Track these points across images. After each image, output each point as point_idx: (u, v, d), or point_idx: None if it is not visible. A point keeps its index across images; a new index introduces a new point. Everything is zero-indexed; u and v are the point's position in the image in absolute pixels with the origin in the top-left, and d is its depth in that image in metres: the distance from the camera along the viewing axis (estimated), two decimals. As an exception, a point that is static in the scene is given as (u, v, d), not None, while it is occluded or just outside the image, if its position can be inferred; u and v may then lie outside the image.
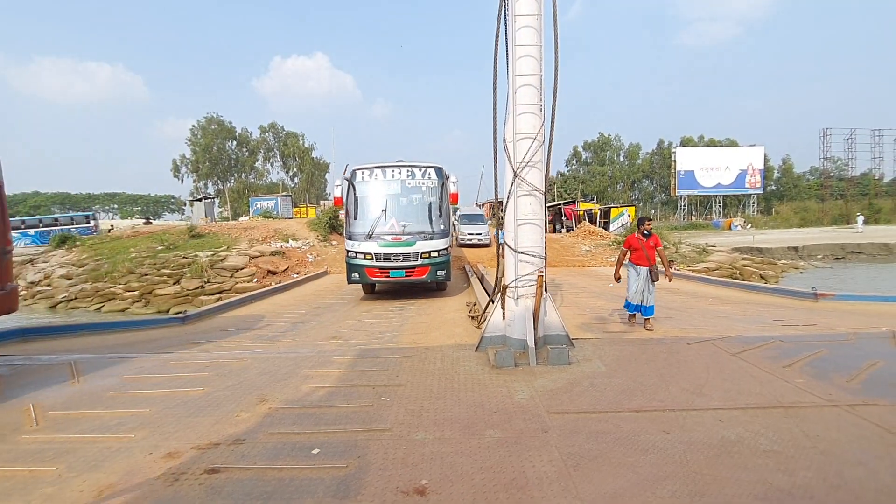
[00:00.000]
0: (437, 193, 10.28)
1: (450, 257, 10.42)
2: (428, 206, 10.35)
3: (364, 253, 9.98)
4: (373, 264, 9.97)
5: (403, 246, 9.90)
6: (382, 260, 9.96)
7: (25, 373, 5.35)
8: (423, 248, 9.97)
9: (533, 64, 5.19)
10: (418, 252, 9.93)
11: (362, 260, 10.02)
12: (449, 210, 10.50)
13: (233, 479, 2.89)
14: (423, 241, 9.99)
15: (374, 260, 9.96)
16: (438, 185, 10.30)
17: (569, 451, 3.13)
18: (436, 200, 10.29)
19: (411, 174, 10.36)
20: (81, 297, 17.06)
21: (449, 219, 10.43)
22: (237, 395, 4.35)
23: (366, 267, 10.00)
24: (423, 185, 10.35)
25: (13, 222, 40.21)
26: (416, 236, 9.99)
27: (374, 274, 10.04)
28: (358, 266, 10.12)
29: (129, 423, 3.79)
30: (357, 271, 10.16)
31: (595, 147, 74.82)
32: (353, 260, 10.16)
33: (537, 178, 5.31)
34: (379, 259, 9.96)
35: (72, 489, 2.80)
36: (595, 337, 6.31)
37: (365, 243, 9.99)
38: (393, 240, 9.94)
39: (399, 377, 4.78)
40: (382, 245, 9.92)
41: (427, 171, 10.41)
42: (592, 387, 4.37)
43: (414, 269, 9.95)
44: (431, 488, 2.73)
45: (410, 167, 10.39)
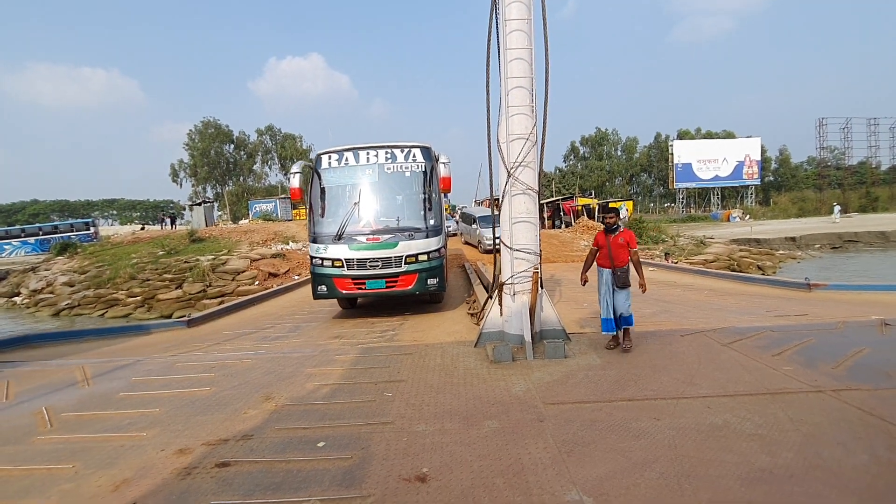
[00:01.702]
0: (426, 179, 8.16)
1: (444, 261, 8.25)
2: (414, 197, 8.22)
3: (332, 259, 7.92)
4: (343, 273, 7.90)
5: (382, 248, 7.80)
6: (356, 267, 7.86)
7: (35, 377, 5.50)
8: (409, 251, 7.81)
9: (524, 66, 5.32)
10: (402, 255, 7.80)
11: (330, 268, 7.97)
12: (441, 201, 8.42)
13: (242, 471, 3.03)
14: (409, 242, 7.84)
15: (345, 268, 7.88)
16: (426, 168, 8.17)
17: (563, 439, 3.27)
18: (424, 188, 8.15)
19: (391, 157, 8.23)
20: (84, 303, 17.25)
21: (442, 212, 8.34)
22: (244, 394, 4.50)
23: (335, 277, 7.94)
24: (406, 169, 8.22)
25: (13, 231, 40.41)
26: (399, 235, 7.88)
27: (346, 286, 7.95)
28: (325, 276, 8.03)
29: (140, 422, 3.94)
30: (324, 283, 8.06)
31: (593, 142, 74.90)
32: (319, 269, 8.07)
33: (531, 178, 5.45)
34: (351, 266, 7.86)
35: (89, 485, 2.95)
36: (592, 331, 6.44)
37: (333, 247, 7.93)
38: (368, 241, 7.86)
39: (400, 373, 4.92)
40: (355, 248, 7.83)
41: (411, 153, 8.27)
42: (587, 378, 4.51)
43: (397, 277, 7.85)
44: (432, 475, 2.87)
45: (390, 148, 8.27)
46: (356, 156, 8.28)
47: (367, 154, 8.27)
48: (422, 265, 7.88)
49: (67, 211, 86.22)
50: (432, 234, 7.99)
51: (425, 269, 7.90)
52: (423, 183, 8.17)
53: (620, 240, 5.32)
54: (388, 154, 8.26)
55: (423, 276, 7.90)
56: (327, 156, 8.40)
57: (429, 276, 7.92)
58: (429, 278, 7.93)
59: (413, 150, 8.30)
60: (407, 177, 8.24)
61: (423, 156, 8.26)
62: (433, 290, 8.09)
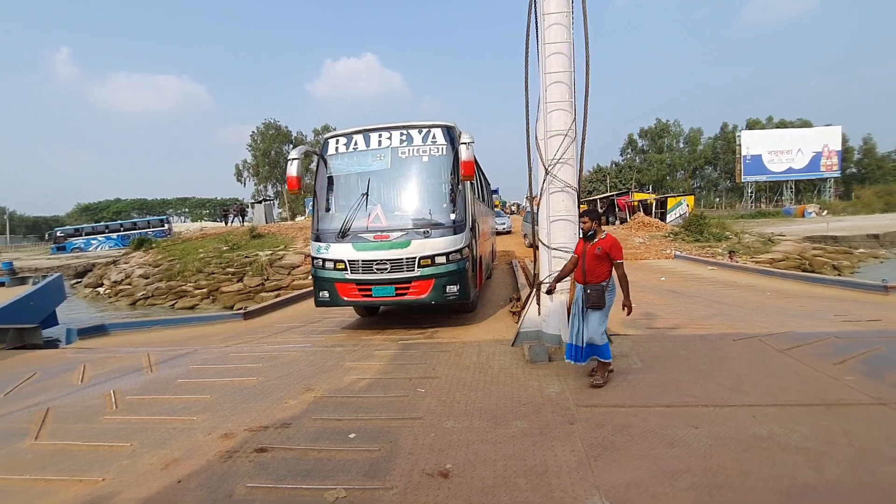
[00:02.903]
0: (448, 165, 6.84)
1: (468, 264, 6.83)
2: (432, 186, 6.96)
3: (334, 260, 6.83)
4: (346, 277, 6.75)
5: (391, 248, 6.59)
6: (360, 271, 6.69)
7: (108, 362, 6.06)
8: (423, 251, 6.55)
9: (563, 61, 5.20)
10: (415, 257, 6.54)
11: (331, 271, 6.85)
12: (467, 191, 7.06)
13: (278, 457, 3.21)
14: (423, 240, 6.58)
15: (348, 270, 6.73)
16: (449, 153, 6.85)
17: (592, 443, 3.20)
18: (445, 176, 6.87)
19: (406, 139, 7.02)
20: (157, 294, 18.69)
21: (467, 204, 6.96)
22: (286, 385, 4.74)
23: (337, 282, 6.83)
24: (424, 153, 6.97)
25: (98, 227, 44.46)
26: (413, 232, 6.63)
27: (350, 292, 6.81)
28: (325, 281, 6.93)
29: (192, 407, 4.25)
30: (325, 288, 6.96)
31: (652, 134, 71.70)
32: (320, 271, 6.99)
33: (570, 175, 5.33)
34: (355, 269, 6.70)
35: (143, 462, 3.23)
36: (636, 333, 6.23)
37: (336, 246, 6.84)
38: (376, 239, 6.67)
39: (435, 370, 4.99)
40: (360, 248, 6.69)
41: (430, 133, 7.00)
42: (625, 382, 4.37)
43: (409, 283, 6.61)
44: (455, 472, 2.91)
45: (406, 128, 7.07)
46: (366, 139, 7.16)
47: (378, 136, 7.13)
48: (439, 269, 6.59)
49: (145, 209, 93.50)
50: (453, 231, 6.70)
51: (443, 274, 6.60)
52: (443, 169, 6.89)
53: (597, 249, 4.25)
54: (402, 136, 7.05)
55: (441, 282, 6.60)
56: (334, 140, 7.33)
57: (448, 282, 6.61)
58: (448, 285, 6.61)
59: (433, 131, 7.02)
60: (424, 162, 6.98)
61: (445, 137, 6.95)
62: (453, 299, 6.68)
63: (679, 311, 7.67)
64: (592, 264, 4.30)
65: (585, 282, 4.33)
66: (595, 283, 4.27)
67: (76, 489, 2.93)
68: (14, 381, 5.37)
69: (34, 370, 5.83)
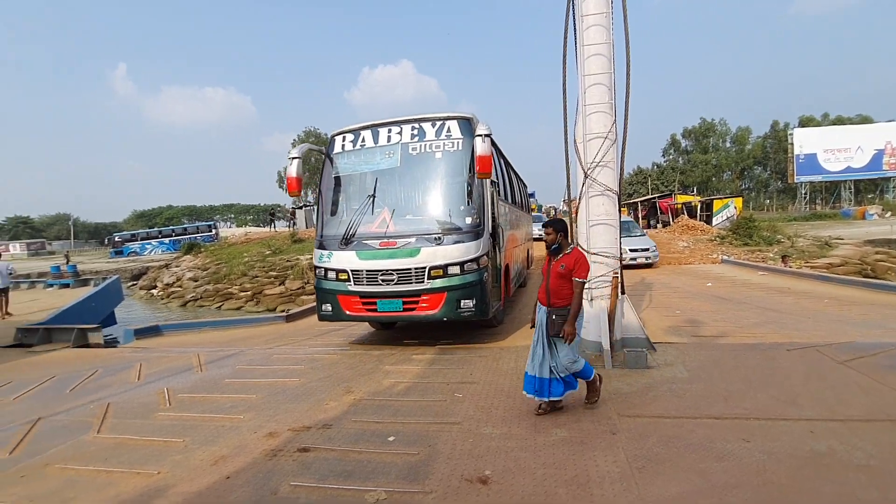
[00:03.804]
0: (465, 162, 6.08)
1: (485, 275, 5.96)
2: (446, 186, 6.22)
3: (336, 270, 6.24)
4: (349, 289, 6.16)
5: (399, 256, 5.92)
6: (364, 282, 6.07)
7: (162, 361, 6.39)
8: (434, 260, 5.83)
9: (603, 62, 5.12)
10: (425, 267, 5.84)
11: (333, 282, 6.28)
12: (487, 191, 6.14)
13: (320, 457, 3.29)
14: (434, 248, 5.86)
15: (351, 282, 6.14)
16: (466, 148, 6.08)
17: (636, 454, 3.11)
18: (462, 174, 6.11)
19: (418, 133, 6.33)
20: (205, 296, 19.54)
21: (486, 206, 6.11)
22: (327, 387, 4.85)
23: (339, 293, 6.25)
24: (437, 149, 6.23)
25: (152, 232, 47.04)
26: (423, 239, 5.91)
27: (353, 306, 6.21)
28: (328, 293, 6.37)
29: (239, 406, 4.42)
30: (328, 300, 6.39)
31: (696, 134, 69.05)
32: (322, 282, 6.44)
33: (610, 178, 5.22)
34: (359, 280, 6.10)
35: (195, 458, 3.39)
36: (681, 341, 6.02)
37: (339, 254, 6.23)
38: (382, 246, 6.03)
39: (472, 375, 4.98)
40: (365, 256, 6.06)
41: (445, 127, 6.26)
42: (670, 392, 4.22)
43: (417, 296, 5.91)
44: (494, 479, 2.89)
45: (418, 122, 6.40)
46: (374, 135, 6.54)
47: (388, 132, 6.47)
48: (452, 281, 5.82)
49: (194, 214, 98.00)
50: (469, 237, 5.92)
51: (457, 287, 5.83)
52: (459, 167, 6.14)
53: (561, 266, 3.69)
54: (414, 130, 6.37)
55: (455, 295, 5.83)
56: (341, 136, 6.77)
57: (462, 295, 5.84)
58: (462, 299, 5.85)
59: (447, 124, 6.27)
60: (437, 159, 6.26)
61: (462, 130, 6.19)
62: (468, 315, 5.89)
63: (727, 319, 7.35)
64: (557, 284, 3.71)
65: (550, 304, 3.73)
66: (561, 306, 3.69)
67: (135, 481, 3.10)
68: (78, 378, 5.75)
69: (96, 368, 6.22)
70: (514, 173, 10.91)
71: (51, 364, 6.81)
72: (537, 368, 3.77)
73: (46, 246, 65.93)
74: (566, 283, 3.68)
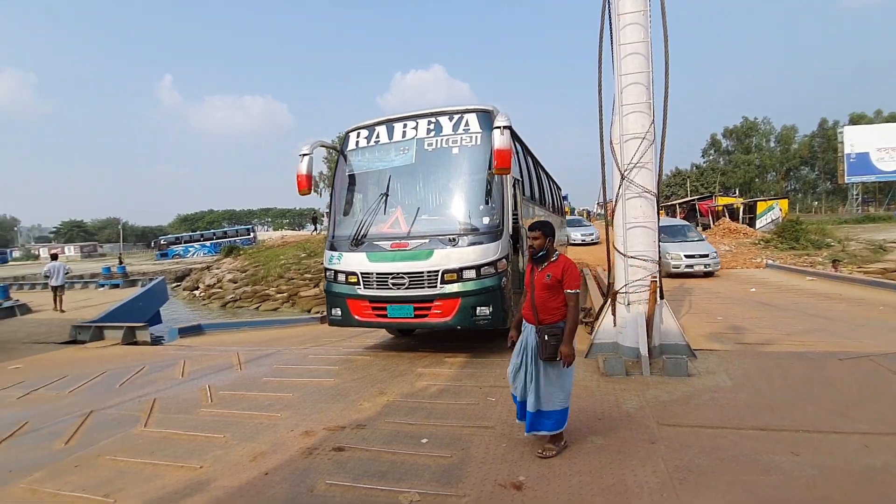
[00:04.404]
0: (484, 158, 5.68)
1: (503, 280, 5.51)
2: (463, 184, 5.86)
3: (346, 273, 5.96)
4: (358, 293, 5.86)
5: (411, 259, 5.56)
6: (374, 286, 5.74)
7: (204, 359, 6.63)
8: (448, 264, 5.44)
9: (640, 61, 5.00)
10: (438, 270, 5.45)
11: (343, 285, 5.99)
12: (507, 189, 5.73)
13: (354, 457, 3.33)
14: (448, 250, 5.47)
15: (361, 285, 5.83)
16: (486, 143, 5.64)
17: (676, 464, 3.00)
18: (480, 171, 5.75)
19: (434, 128, 5.99)
20: (244, 297, 20.15)
21: (506, 206, 5.67)
22: (361, 387, 4.91)
23: (348, 297, 5.94)
24: (454, 144, 5.87)
25: (195, 236, 49.02)
26: (436, 241, 5.54)
27: (363, 311, 5.88)
28: (338, 296, 6.07)
29: (276, 404, 4.53)
30: (337, 304, 6.09)
31: (738, 133, 66.40)
32: (332, 285, 6.17)
33: (647, 180, 5.09)
34: (369, 284, 5.77)
35: (235, 453, 3.49)
36: (724, 348, 5.80)
37: (349, 256, 5.97)
38: (393, 248, 5.70)
39: (505, 379, 4.92)
40: (375, 258, 5.74)
41: (463, 120, 5.88)
42: (712, 401, 4.07)
43: (430, 302, 5.52)
44: (528, 485, 2.85)
45: (434, 116, 6.05)
46: (389, 130, 6.24)
47: (403, 127, 6.17)
48: (467, 286, 5.39)
49: (234, 218, 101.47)
50: (487, 238, 5.52)
51: (473, 293, 5.40)
52: (478, 163, 5.75)
53: (547, 276, 3.18)
54: (430, 125, 6.02)
55: (470, 301, 5.41)
56: (356, 133, 6.50)
57: (478, 302, 5.41)
58: (477, 306, 5.42)
59: (465, 117, 5.87)
60: (455, 155, 5.86)
61: (481, 124, 5.78)
62: (484, 324, 5.45)
63: (773, 326, 7.02)
64: (543, 297, 3.20)
65: (538, 322, 3.19)
66: (548, 322, 3.16)
67: (179, 474, 3.22)
68: (127, 374, 6.04)
69: (143, 364, 6.52)
70: (544, 172, 10.46)
71: (102, 360, 7.19)
72: (517, 388, 3.32)
73: (98, 248, 69.64)
74: (554, 295, 3.19)
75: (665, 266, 12.02)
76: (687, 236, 14.43)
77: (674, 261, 13.06)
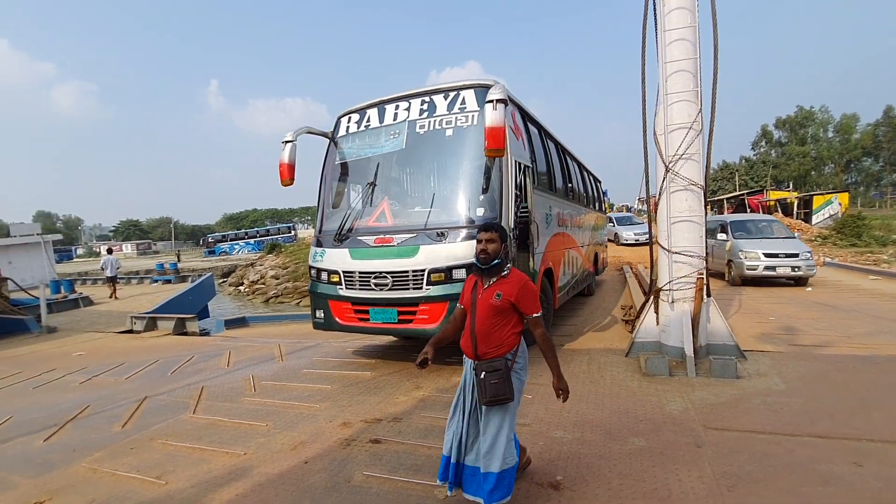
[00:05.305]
0: (482, 141, 4.65)
1: None
2: (458, 169, 5.15)
3: (328, 271, 5.44)
4: (340, 294, 5.32)
5: (394, 256, 4.97)
6: (357, 286, 5.19)
7: (247, 350, 6.87)
8: (436, 262, 4.78)
9: (686, 48, 4.78)
10: (424, 269, 4.81)
11: (325, 284, 5.48)
12: (507, 175, 4.88)
13: (391, 450, 3.35)
14: (436, 246, 4.81)
15: (342, 285, 5.30)
16: (483, 123, 4.56)
17: (724, 471, 2.86)
18: (477, 156, 4.96)
19: (428, 108, 5.34)
20: (285, 293, 20.78)
21: (505, 195, 4.86)
22: (397, 381, 4.95)
23: (330, 298, 5.42)
24: (449, 126, 5.17)
25: (240, 234, 51.00)
26: (423, 235, 4.90)
27: (345, 314, 5.35)
28: (320, 297, 5.55)
29: (315, 395, 4.63)
30: (320, 306, 5.57)
31: (792, 123, 62.60)
32: (315, 284, 5.64)
33: (694, 172, 4.86)
34: (351, 284, 5.24)
35: (276, 441, 3.59)
36: (776, 350, 5.50)
37: (332, 252, 5.43)
38: (377, 243, 5.12)
39: (542, 376, 4.80)
40: (358, 255, 5.19)
41: (460, 98, 5.19)
42: (764, 405, 3.85)
43: (415, 305, 4.88)
44: (566, 484, 2.78)
45: (428, 94, 5.40)
46: (381, 113, 5.65)
47: (395, 108, 5.56)
48: (456, 288, 4.63)
49: (276, 217, 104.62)
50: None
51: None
52: (475, 147, 4.96)
53: (496, 296, 2.42)
54: (423, 104, 5.37)
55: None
56: (346, 118, 5.96)
57: None
58: None
59: (462, 94, 5.18)
60: (448, 137, 5.15)
61: (479, 102, 4.99)
62: None
63: (832, 327, 6.58)
64: (488, 323, 2.43)
65: (477, 357, 2.45)
66: (489, 357, 2.43)
67: (224, 460, 3.34)
68: (178, 362, 6.34)
69: (192, 353, 6.82)
70: (575, 162, 9.36)
71: (155, 349, 7.58)
72: (456, 448, 2.53)
73: (152, 246, 73.64)
74: (502, 322, 2.42)
75: (738, 268, 10.73)
76: (773, 233, 11.70)
77: (749, 261, 10.54)
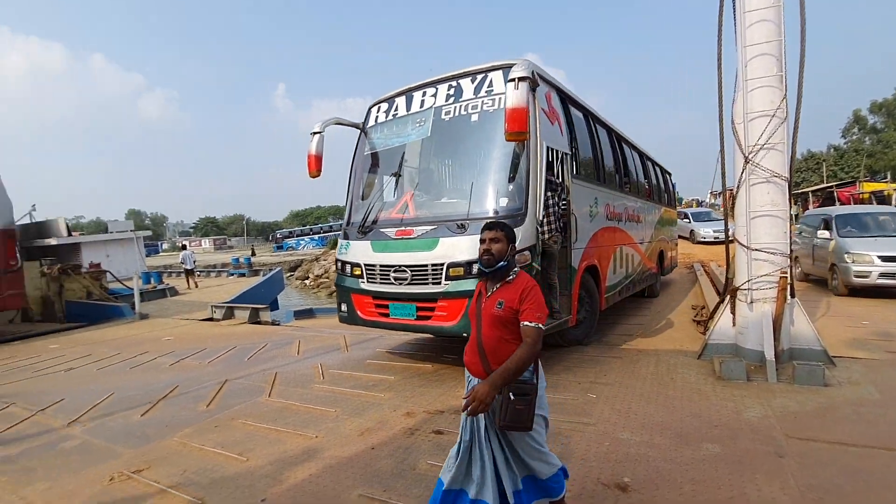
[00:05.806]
0: None
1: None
2: (482, 158, 4.91)
3: (352, 264, 5.38)
4: (361, 287, 5.25)
5: (413, 249, 4.79)
6: (377, 279, 5.07)
7: (315, 340, 7.22)
8: (455, 255, 4.53)
9: (769, 29, 4.44)
10: (442, 263, 4.59)
11: (349, 277, 5.43)
12: (537, 161, 4.57)
13: (453, 441, 3.36)
14: (456, 238, 4.56)
15: (364, 278, 5.20)
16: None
17: (810, 483, 2.66)
18: (504, 143, 4.48)
19: (454, 93, 5.12)
20: (348, 287, 21.59)
21: (533, 182, 4.55)
22: (459, 374, 4.99)
23: (352, 292, 5.37)
24: (475, 111, 4.91)
25: (305, 230, 53.48)
26: (444, 227, 4.69)
27: (366, 308, 5.28)
28: (344, 290, 5.54)
29: (380, 385, 4.80)
30: (344, 299, 5.56)
31: (889, 108, 56.17)
32: (341, 277, 5.62)
33: (777, 162, 4.52)
34: (372, 277, 5.12)
35: (345, 427, 3.76)
36: (870, 357, 5.01)
37: (356, 245, 5.38)
38: (398, 235, 4.98)
39: (607, 376, 4.73)
40: (379, 248, 5.07)
41: (487, 80, 4.93)
42: (856, 415, 3.53)
43: (433, 301, 4.67)
44: (633, 487, 2.71)
45: (455, 79, 5.19)
46: (408, 101, 5.50)
47: (422, 95, 5.39)
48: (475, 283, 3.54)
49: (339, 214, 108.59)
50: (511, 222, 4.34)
51: None
52: (501, 132, 4.39)
53: (497, 305, 2.07)
54: (450, 90, 5.17)
55: None
56: (376, 107, 5.87)
57: None
58: None
59: (489, 76, 4.91)
60: (474, 123, 4.90)
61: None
62: None
63: (940, 335, 5.89)
64: (494, 336, 2.09)
65: (488, 373, 2.04)
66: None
67: (297, 441, 3.55)
68: (253, 349, 6.79)
69: (265, 341, 7.28)
70: (634, 150, 8.69)
71: (232, 336, 8.16)
72: (448, 469, 2.22)
73: (227, 242, 78.92)
74: (508, 333, 2.07)
75: (843, 274, 8.59)
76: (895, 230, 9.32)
77: (857, 265, 8.32)
